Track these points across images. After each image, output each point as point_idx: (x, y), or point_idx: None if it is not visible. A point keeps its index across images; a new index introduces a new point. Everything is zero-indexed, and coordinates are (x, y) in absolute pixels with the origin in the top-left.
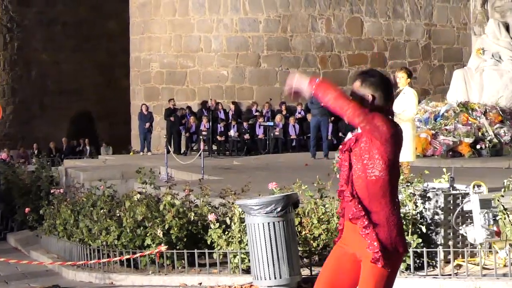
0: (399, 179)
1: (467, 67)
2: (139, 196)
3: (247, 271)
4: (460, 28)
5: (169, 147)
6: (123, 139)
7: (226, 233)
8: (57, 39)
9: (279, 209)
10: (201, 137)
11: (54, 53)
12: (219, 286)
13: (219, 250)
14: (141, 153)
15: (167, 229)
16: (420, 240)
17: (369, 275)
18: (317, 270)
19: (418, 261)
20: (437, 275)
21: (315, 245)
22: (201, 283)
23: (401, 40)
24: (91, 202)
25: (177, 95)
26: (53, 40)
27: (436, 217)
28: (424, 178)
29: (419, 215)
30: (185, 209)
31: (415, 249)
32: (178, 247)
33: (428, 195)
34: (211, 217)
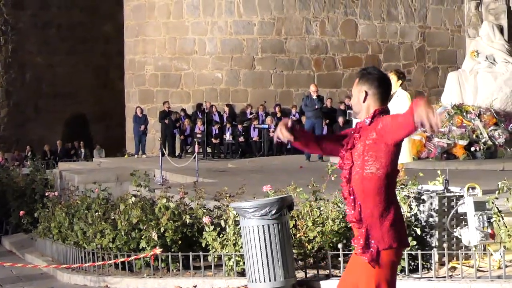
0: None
1: (462, 69)
2: (133, 199)
3: (242, 273)
4: (454, 30)
5: (163, 149)
6: (118, 141)
7: (220, 235)
8: (52, 42)
9: (273, 212)
10: (196, 139)
11: (48, 56)
12: None
13: (214, 252)
14: (136, 156)
15: (162, 232)
16: (414, 242)
17: (362, 271)
18: (311, 272)
19: (412, 264)
20: (432, 278)
21: (310, 247)
22: (196, 286)
23: (395, 42)
24: (85, 205)
25: (171, 98)
26: (47, 42)
27: (430, 220)
28: (418, 180)
29: (413, 218)
30: (180, 211)
31: (409, 252)
32: (172, 250)
33: (422, 197)
34: (206, 220)
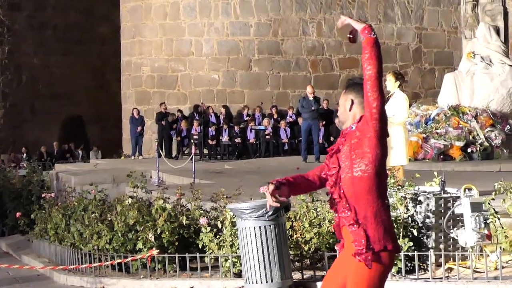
0: (391, 183)
1: (458, 70)
2: (130, 200)
3: (239, 275)
4: (450, 31)
5: (160, 151)
6: (115, 143)
7: (217, 237)
8: (48, 43)
9: (270, 213)
10: (193, 141)
11: (45, 57)
12: None
13: (210, 254)
14: (133, 157)
15: (158, 233)
16: (411, 243)
17: (353, 272)
18: (308, 273)
19: (409, 265)
20: (428, 279)
21: (306, 248)
22: (192, 287)
23: (392, 43)
24: (82, 206)
25: (168, 99)
26: (44, 44)
27: (427, 221)
28: (415, 181)
29: (410, 219)
30: (176, 213)
31: (406, 253)
32: (169, 251)
33: (419, 198)
34: (203, 221)
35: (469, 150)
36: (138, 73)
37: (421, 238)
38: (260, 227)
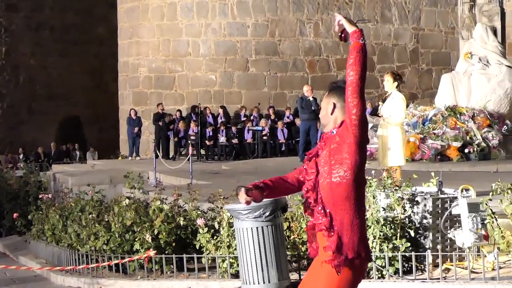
0: (388, 183)
1: (455, 71)
2: (127, 201)
3: (236, 275)
4: (448, 32)
5: (157, 151)
6: (112, 143)
7: (214, 237)
8: (45, 44)
9: (267, 214)
10: (190, 141)
11: (42, 57)
12: None
13: (207, 254)
14: (130, 158)
15: (155, 234)
16: (408, 244)
17: (324, 277)
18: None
19: (406, 265)
20: (426, 279)
21: (303, 249)
22: None
23: (389, 44)
24: (79, 207)
25: (165, 100)
26: (41, 44)
27: (424, 221)
28: (412, 182)
29: (407, 219)
30: (173, 213)
31: (403, 253)
32: (166, 252)
33: (416, 199)
34: (200, 222)
35: (466, 150)
36: (135, 73)
37: (419, 238)
38: (257, 228)
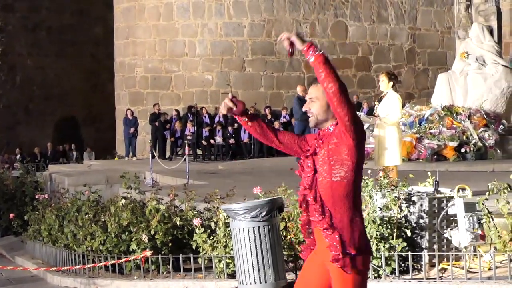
0: (385, 183)
1: (452, 70)
2: (124, 201)
3: (232, 275)
4: (444, 32)
5: (154, 152)
6: (109, 144)
7: (211, 237)
8: (42, 44)
9: (264, 214)
10: (186, 141)
11: (39, 58)
12: None
13: (204, 254)
14: (126, 158)
15: (152, 234)
16: (405, 244)
17: (337, 279)
18: None
19: (403, 265)
20: (422, 279)
21: (300, 249)
22: None
23: (385, 44)
24: (76, 207)
25: (162, 100)
26: (37, 45)
27: (421, 221)
28: (409, 181)
29: (404, 219)
30: (170, 214)
31: (400, 253)
32: (163, 252)
33: (413, 198)
34: (196, 222)
35: (463, 150)
36: (131, 74)
37: (415, 238)
38: (253, 227)
